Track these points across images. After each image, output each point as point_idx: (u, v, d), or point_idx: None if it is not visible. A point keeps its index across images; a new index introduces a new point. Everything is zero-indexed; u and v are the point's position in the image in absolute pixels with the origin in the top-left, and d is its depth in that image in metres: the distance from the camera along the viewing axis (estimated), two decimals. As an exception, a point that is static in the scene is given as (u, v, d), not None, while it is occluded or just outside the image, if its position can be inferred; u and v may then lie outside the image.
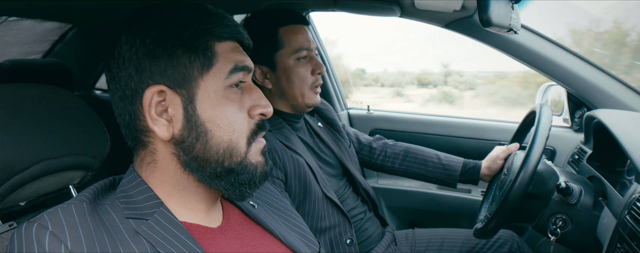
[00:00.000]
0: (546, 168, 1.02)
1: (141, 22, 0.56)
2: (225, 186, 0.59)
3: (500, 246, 1.23)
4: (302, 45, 1.05)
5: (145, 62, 0.55)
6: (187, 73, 0.55)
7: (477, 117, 1.75)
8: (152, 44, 0.55)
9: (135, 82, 0.55)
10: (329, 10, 1.47)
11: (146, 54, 0.55)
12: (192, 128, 0.56)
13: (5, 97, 0.66)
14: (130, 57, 0.55)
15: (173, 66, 0.55)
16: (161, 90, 0.55)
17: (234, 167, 0.58)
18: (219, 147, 0.57)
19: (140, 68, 0.55)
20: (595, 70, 1.24)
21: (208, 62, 0.56)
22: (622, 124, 0.97)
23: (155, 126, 0.55)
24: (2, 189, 0.62)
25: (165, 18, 0.56)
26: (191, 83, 0.56)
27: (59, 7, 1.07)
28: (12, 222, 0.73)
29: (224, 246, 0.60)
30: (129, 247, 0.51)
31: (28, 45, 1.74)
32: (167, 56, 0.55)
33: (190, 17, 0.56)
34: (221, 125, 0.57)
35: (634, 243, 0.73)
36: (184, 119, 0.56)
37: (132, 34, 0.56)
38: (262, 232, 0.68)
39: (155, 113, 0.55)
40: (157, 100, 0.55)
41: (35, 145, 0.65)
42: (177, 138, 0.56)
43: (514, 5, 0.95)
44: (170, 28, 0.55)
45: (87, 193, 0.56)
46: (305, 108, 1.11)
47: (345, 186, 1.20)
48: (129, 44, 0.55)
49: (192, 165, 0.57)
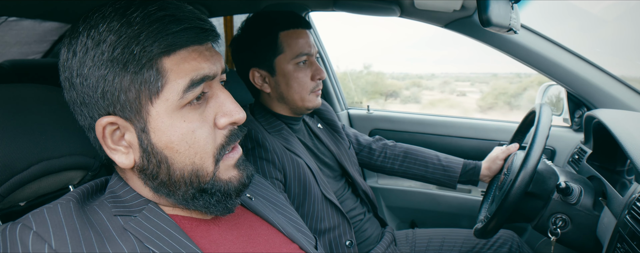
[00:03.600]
0: (546, 168, 1.02)
1: (95, 31, 0.49)
2: (203, 205, 0.56)
3: (500, 246, 1.23)
4: (302, 50, 1.03)
5: (87, 92, 0.50)
6: (135, 102, 0.50)
7: (477, 117, 1.75)
8: (89, 72, 0.49)
9: (87, 115, 0.52)
10: (328, 10, 1.47)
11: (86, 83, 0.50)
12: (150, 156, 0.52)
13: (5, 97, 0.66)
14: (75, 85, 0.51)
15: (117, 96, 0.50)
16: (110, 122, 0.51)
17: (204, 186, 0.55)
18: (183, 171, 0.53)
19: (85, 100, 0.51)
20: (595, 70, 1.24)
21: (154, 85, 0.49)
22: (622, 123, 0.97)
23: (115, 155, 0.53)
24: (2, 189, 0.62)
25: (100, 34, 0.48)
26: (141, 112, 0.50)
27: (59, 7, 1.06)
28: (11, 222, 0.72)
29: (218, 237, 0.60)
30: (117, 245, 0.51)
31: (28, 45, 1.74)
32: (109, 85, 0.49)
33: (125, 33, 0.48)
34: (180, 150, 0.52)
35: (634, 243, 0.73)
36: (139, 147, 0.52)
37: (69, 55, 0.50)
38: (259, 222, 0.67)
39: (111, 142, 0.52)
40: (111, 130, 0.52)
41: (35, 145, 0.65)
42: (139, 166, 0.53)
43: (514, 5, 0.95)
44: (107, 50, 0.48)
45: (75, 193, 0.55)
46: (306, 111, 1.10)
47: (344, 187, 1.20)
48: (68, 68, 0.51)
49: (162, 191, 0.55)
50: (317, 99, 1.10)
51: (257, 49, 1.04)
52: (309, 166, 1.05)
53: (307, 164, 1.04)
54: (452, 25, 1.29)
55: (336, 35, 6.02)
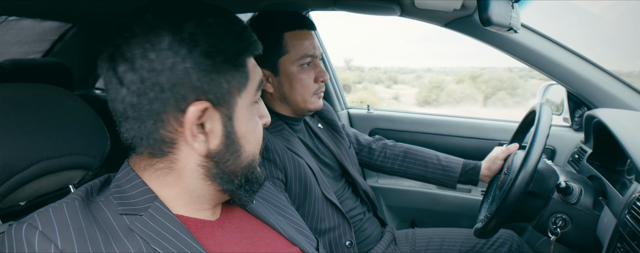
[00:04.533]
0: (546, 167, 1.02)
1: (186, 27, 0.51)
2: (244, 194, 0.61)
3: (500, 246, 1.23)
4: (307, 51, 1.03)
5: (191, 74, 0.51)
6: (228, 90, 0.54)
7: (477, 117, 1.75)
8: (200, 56, 0.51)
9: (173, 93, 0.51)
10: (328, 10, 1.47)
11: (193, 66, 0.51)
12: (230, 144, 0.56)
13: (5, 97, 0.66)
14: (173, 66, 0.50)
15: (218, 82, 0.53)
16: (206, 107, 0.52)
17: (251, 176, 0.61)
18: (248, 160, 0.59)
19: (183, 80, 0.51)
20: (595, 69, 1.24)
21: (244, 79, 0.56)
22: (622, 123, 0.97)
23: (195, 142, 0.53)
24: (2, 189, 0.62)
25: (212, 28, 0.52)
26: (231, 100, 0.55)
27: (59, 7, 1.07)
28: (12, 222, 0.73)
29: (222, 239, 0.60)
30: (123, 245, 0.51)
31: (28, 44, 1.74)
32: (215, 72, 0.52)
33: (231, 30, 0.55)
34: (251, 140, 0.59)
35: (634, 242, 0.73)
36: (223, 135, 0.55)
37: (177, 40, 0.50)
38: (261, 225, 0.68)
39: (196, 128, 0.53)
40: (197, 116, 0.52)
41: (35, 144, 0.65)
42: (213, 153, 0.55)
43: (514, 5, 0.95)
44: (218, 41, 0.53)
45: (80, 192, 0.55)
46: (307, 112, 1.10)
47: (344, 187, 1.20)
48: (174, 51, 0.50)
49: (222, 178, 0.58)
50: (319, 101, 1.10)
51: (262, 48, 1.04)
52: (310, 166, 1.05)
53: (308, 164, 1.04)
54: (452, 24, 1.29)
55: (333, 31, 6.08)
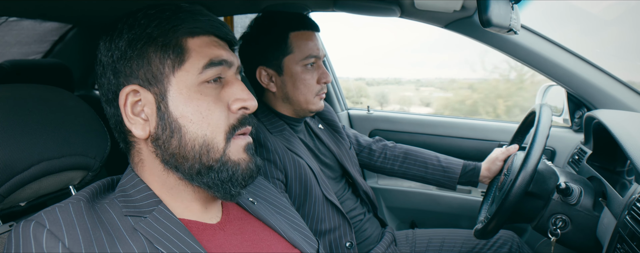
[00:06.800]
0: (546, 168, 1.02)
1: (116, 27, 0.58)
2: (207, 184, 0.58)
3: (500, 246, 1.23)
4: (311, 52, 1.04)
5: (119, 64, 0.57)
6: (158, 71, 0.56)
7: (477, 117, 1.75)
8: (124, 46, 0.56)
9: (114, 85, 0.57)
10: (328, 11, 1.47)
11: (120, 56, 0.57)
12: (165, 125, 0.57)
13: (5, 97, 0.66)
14: (107, 62, 0.58)
15: (145, 66, 0.56)
16: (134, 89, 0.56)
17: (212, 164, 0.58)
18: (195, 142, 0.57)
19: (116, 71, 0.57)
20: (595, 70, 1.24)
21: (179, 58, 0.56)
22: (622, 124, 0.97)
23: (133, 126, 0.57)
24: (3, 189, 0.62)
25: (136, 20, 0.57)
26: (163, 80, 0.56)
27: (59, 7, 1.06)
28: (12, 222, 0.72)
29: (223, 242, 0.61)
30: (127, 245, 0.52)
31: (28, 45, 1.74)
32: (138, 56, 0.56)
33: (159, 16, 0.57)
34: (194, 120, 0.56)
35: (634, 243, 0.73)
36: (157, 116, 0.57)
37: (108, 39, 0.58)
38: (262, 227, 0.68)
39: (131, 113, 0.57)
40: (133, 101, 0.57)
41: (36, 145, 0.65)
42: (154, 136, 0.57)
43: (514, 6, 0.95)
44: (140, 29, 0.57)
45: (85, 193, 0.56)
46: (309, 113, 1.11)
47: (344, 188, 1.20)
48: (106, 49, 0.58)
49: (171, 162, 0.58)
50: (320, 102, 1.10)
51: (266, 47, 1.04)
52: (311, 167, 1.05)
53: (309, 165, 1.04)
54: (452, 25, 1.29)
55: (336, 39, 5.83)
